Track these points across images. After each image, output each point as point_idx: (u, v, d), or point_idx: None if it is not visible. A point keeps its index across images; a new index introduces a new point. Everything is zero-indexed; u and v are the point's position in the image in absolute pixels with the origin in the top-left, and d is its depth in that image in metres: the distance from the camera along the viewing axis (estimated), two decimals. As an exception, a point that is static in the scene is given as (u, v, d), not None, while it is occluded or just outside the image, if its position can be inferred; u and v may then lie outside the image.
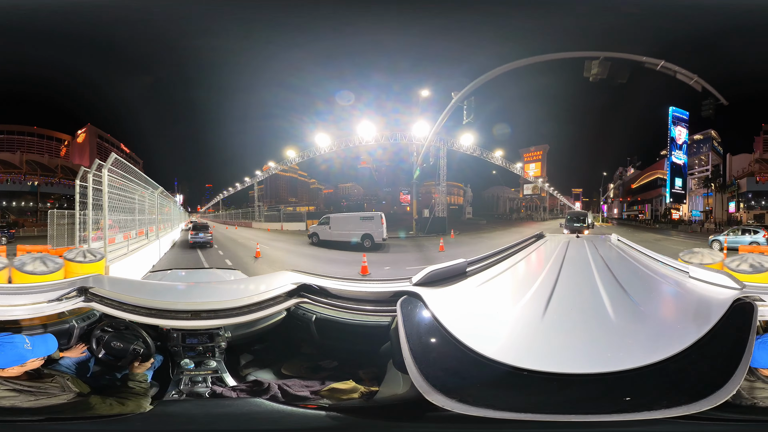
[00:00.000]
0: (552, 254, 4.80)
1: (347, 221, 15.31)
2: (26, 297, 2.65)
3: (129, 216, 10.39)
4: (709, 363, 1.77)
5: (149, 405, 2.31)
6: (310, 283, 2.82)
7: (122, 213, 9.55)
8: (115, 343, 2.66)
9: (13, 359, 2.15)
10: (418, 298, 2.34)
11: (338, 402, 2.26)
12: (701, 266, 3.12)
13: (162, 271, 6.00)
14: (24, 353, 2.18)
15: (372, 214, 15.35)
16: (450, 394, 1.68)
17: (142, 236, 12.45)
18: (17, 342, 2.19)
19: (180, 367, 2.67)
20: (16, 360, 2.16)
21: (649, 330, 2.12)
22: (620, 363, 1.68)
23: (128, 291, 2.83)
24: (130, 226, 10.59)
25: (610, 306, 2.36)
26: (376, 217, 14.71)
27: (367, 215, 15.33)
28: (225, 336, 2.76)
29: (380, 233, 14.30)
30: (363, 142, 23.39)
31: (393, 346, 2.19)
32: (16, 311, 2.47)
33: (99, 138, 25.18)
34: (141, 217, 12.25)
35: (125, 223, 9.99)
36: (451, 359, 1.83)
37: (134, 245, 10.08)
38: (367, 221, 14.78)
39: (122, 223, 9.65)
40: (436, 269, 2.78)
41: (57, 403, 2.15)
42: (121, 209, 9.46)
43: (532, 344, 1.93)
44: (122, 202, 9.51)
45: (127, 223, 10.20)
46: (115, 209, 8.64)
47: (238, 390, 2.45)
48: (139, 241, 11.44)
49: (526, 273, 3.88)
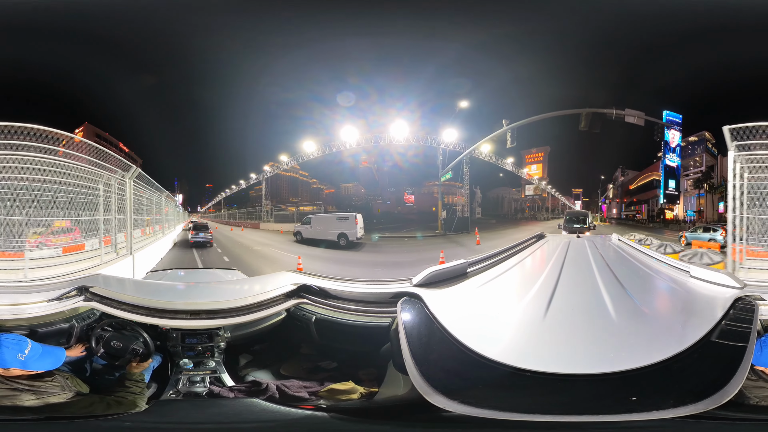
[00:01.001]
0: (553, 254, 4.79)
1: (325, 221, 16.40)
2: (27, 296, 2.66)
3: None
4: (712, 362, 1.76)
5: (145, 404, 2.31)
6: (309, 284, 2.81)
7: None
8: (114, 343, 2.65)
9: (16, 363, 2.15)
10: (419, 299, 2.33)
11: (337, 403, 2.26)
12: (702, 266, 3.12)
13: (162, 271, 5.99)
14: (29, 363, 2.17)
15: (347, 214, 16.13)
16: (451, 395, 1.67)
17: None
18: (14, 347, 2.16)
19: (179, 367, 2.67)
20: (20, 365, 2.15)
21: (650, 330, 2.11)
22: (622, 363, 1.67)
23: (128, 291, 2.83)
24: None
25: (611, 306, 2.35)
26: (351, 218, 15.64)
27: (342, 215, 16.15)
28: (224, 336, 2.75)
29: (354, 233, 15.11)
30: (394, 141, 23.23)
31: (393, 347, 2.18)
32: (16, 310, 2.48)
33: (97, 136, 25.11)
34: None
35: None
36: (452, 360, 1.83)
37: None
38: (342, 221, 15.71)
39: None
40: (436, 270, 2.77)
41: (56, 402, 2.14)
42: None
43: (534, 345, 1.93)
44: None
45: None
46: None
47: (236, 390, 2.44)
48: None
49: (528, 273, 3.87)
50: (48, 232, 5.96)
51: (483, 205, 32.35)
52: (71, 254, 6.29)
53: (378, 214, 29.37)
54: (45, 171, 5.46)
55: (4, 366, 2.14)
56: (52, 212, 5.73)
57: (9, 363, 2.14)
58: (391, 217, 28.81)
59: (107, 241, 7.31)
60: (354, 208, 25.14)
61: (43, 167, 5.41)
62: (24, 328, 2.44)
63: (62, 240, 6.24)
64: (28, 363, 2.18)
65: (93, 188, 6.65)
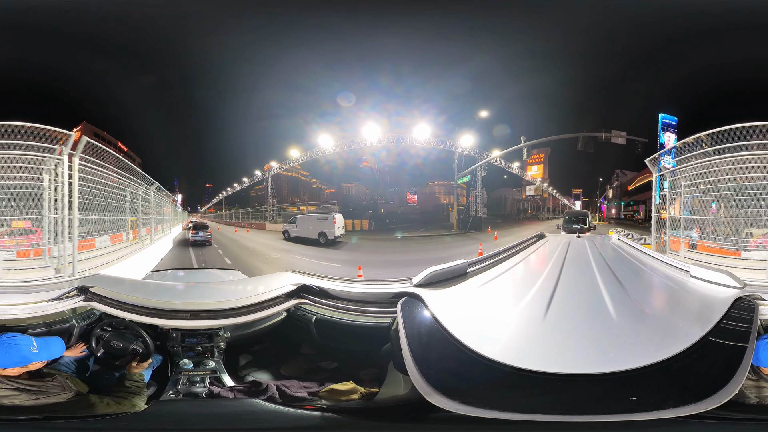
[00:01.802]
0: (553, 254, 4.79)
1: (308, 221, 17.57)
2: (27, 296, 2.66)
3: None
4: (712, 362, 1.76)
5: (144, 405, 2.31)
6: (309, 284, 2.81)
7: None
8: (114, 343, 2.66)
9: (17, 360, 2.15)
10: (419, 299, 2.33)
11: (337, 403, 2.25)
12: (703, 265, 3.12)
13: (162, 271, 5.99)
14: (29, 356, 2.18)
15: (326, 215, 17.23)
16: (451, 396, 1.67)
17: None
18: (23, 344, 2.18)
19: (178, 367, 2.66)
20: (20, 362, 2.16)
21: (650, 329, 2.11)
22: (623, 363, 1.67)
23: (128, 291, 2.83)
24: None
25: (611, 306, 2.35)
26: (329, 218, 16.81)
27: (322, 216, 17.25)
28: (224, 336, 2.75)
29: (332, 232, 16.27)
30: (415, 143, 23.77)
31: (393, 348, 2.18)
32: (16, 310, 2.47)
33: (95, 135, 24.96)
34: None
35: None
36: (453, 360, 1.82)
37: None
38: (322, 221, 16.87)
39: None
40: (436, 270, 2.77)
41: (56, 402, 2.15)
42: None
43: (534, 345, 1.92)
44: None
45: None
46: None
47: (236, 390, 2.44)
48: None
49: (528, 273, 3.86)
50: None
51: (488, 205, 33.12)
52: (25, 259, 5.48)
53: (383, 214, 29.40)
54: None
55: (26, 363, 2.17)
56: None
57: (28, 359, 2.17)
58: (400, 218, 29.10)
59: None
60: (363, 208, 25.19)
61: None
62: (24, 328, 2.44)
63: (18, 242, 5.53)
64: (41, 354, 2.22)
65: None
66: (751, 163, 5.12)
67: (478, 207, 24.70)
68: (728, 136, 4.94)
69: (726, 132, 4.96)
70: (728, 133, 4.93)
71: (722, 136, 5.06)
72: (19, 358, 2.15)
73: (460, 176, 23.35)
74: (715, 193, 5.65)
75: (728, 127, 4.93)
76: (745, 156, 5.26)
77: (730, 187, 5.30)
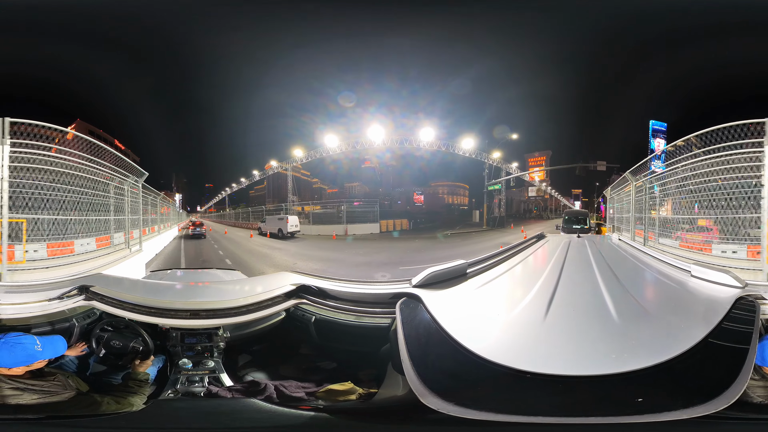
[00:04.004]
0: (553, 255, 4.78)
1: (272, 221, 22.20)
2: (27, 295, 2.66)
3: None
4: (715, 362, 1.75)
5: (143, 404, 2.31)
6: (309, 284, 2.80)
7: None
8: (114, 342, 2.66)
9: (22, 360, 2.16)
10: (418, 300, 2.33)
11: (335, 403, 2.25)
12: (703, 265, 3.11)
13: (162, 271, 6.00)
14: (34, 354, 2.20)
15: (283, 216, 22.08)
16: (447, 397, 1.66)
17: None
18: (27, 343, 2.20)
19: (178, 367, 2.66)
20: (25, 360, 2.17)
21: (652, 330, 2.10)
22: (624, 364, 1.66)
23: (128, 290, 2.83)
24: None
25: (612, 306, 2.34)
26: (284, 218, 21.64)
27: (282, 216, 22.09)
28: (224, 336, 2.75)
29: (286, 228, 21.15)
30: (424, 145, 25.55)
31: (392, 348, 2.18)
32: (17, 309, 2.48)
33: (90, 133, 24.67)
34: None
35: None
36: (451, 361, 1.81)
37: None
38: (281, 221, 21.57)
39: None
40: (436, 271, 2.76)
41: (57, 401, 2.15)
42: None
43: (534, 346, 1.91)
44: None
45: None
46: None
47: (234, 390, 2.43)
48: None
49: (528, 274, 3.85)
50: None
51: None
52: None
53: (406, 212, 30.44)
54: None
55: (30, 362, 2.18)
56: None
57: (33, 358, 2.19)
58: (422, 217, 30.11)
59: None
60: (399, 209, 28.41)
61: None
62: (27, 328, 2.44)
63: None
64: (45, 353, 2.24)
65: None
66: (710, 168, 5.48)
67: (502, 209, 28.53)
68: (716, 138, 5.04)
69: (713, 132, 5.06)
70: (716, 133, 5.03)
71: (710, 137, 5.18)
72: (24, 357, 2.16)
73: (491, 184, 27.20)
74: (694, 195, 6.05)
75: (713, 128, 5.02)
76: (699, 162, 5.76)
77: (707, 188, 5.54)
